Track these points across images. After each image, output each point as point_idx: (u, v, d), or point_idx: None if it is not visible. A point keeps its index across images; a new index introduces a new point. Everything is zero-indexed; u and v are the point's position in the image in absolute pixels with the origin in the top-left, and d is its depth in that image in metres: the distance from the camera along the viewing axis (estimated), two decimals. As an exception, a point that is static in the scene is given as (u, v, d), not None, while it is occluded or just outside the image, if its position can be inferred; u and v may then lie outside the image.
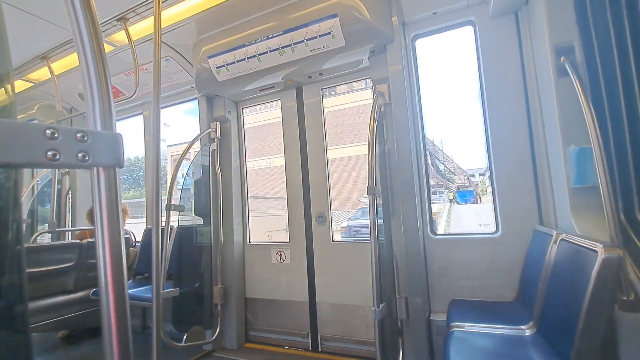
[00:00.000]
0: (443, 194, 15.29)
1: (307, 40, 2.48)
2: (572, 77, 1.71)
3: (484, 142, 2.45)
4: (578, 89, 1.65)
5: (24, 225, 4.30)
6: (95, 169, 0.51)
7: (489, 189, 2.44)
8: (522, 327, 1.75)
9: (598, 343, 1.21)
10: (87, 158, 0.49)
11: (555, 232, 1.78)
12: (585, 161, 1.74)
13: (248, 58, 2.70)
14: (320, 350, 2.94)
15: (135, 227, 4.05)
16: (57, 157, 0.46)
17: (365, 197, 2.31)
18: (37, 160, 0.44)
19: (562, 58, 1.82)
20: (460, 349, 1.63)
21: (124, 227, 3.94)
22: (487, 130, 2.41)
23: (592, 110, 1.58)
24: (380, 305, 1.96)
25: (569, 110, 1.81)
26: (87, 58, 0.53)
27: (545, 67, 1.98)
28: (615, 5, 1.71)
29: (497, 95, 2.37)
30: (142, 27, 2.89)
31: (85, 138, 0.49)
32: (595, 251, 1.26)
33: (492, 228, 2.41)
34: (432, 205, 2.62)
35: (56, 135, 0.46)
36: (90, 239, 3.45)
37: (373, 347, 2.66)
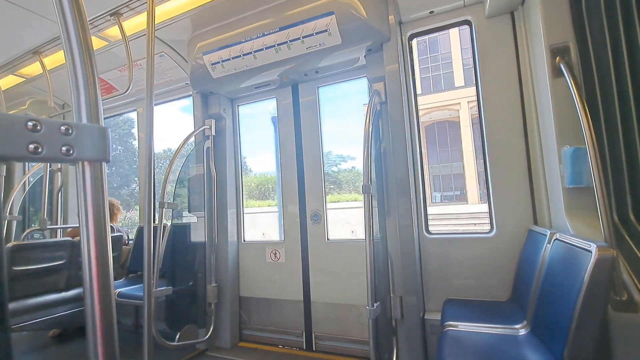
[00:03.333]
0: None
1: (303, 37, 2.46)
2: (567, 78, 1.72)
3: (480, 141, 2.45)
4: (573, 90, 1.66)
5: (15, 223, 4.24)
6: (80, 163, 0.49)
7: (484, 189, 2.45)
8: (516, 326, 1.75)
9: (591, 343, 1.22)
10: (71, 152, 0.47)
11: (549, 232, 1.79)
12: (580, 161, 1.75)
13: (244, 55, 2.68)
14: (314, 349, 2.93)
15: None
16: (40, 150, 0.44)
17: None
18: (18, 153, 0.42)
19: (557, 58, 1.82)
20: (453, 348, 1.63)
21: (115, 224, 3.90)
22: (483, 130, 2.41)
23: (587, 111, 1.59)
24: (375, 305, 1.95)
25: (564, 110, 1.82)
26: (73, 48, 0.51)
27: (541, 68, 1.98)
28: (610, 7, 1.72)
29: (493, 95, 2.38)
30: (136, 23, 2.85)
31: (70, 131, 0.47)
32: (589, 251, 1.26)
33: (487, 227, 2.41)
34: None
35: (39, 128, 0.44)
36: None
37: (367, 346, 2.65)
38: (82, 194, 0.50)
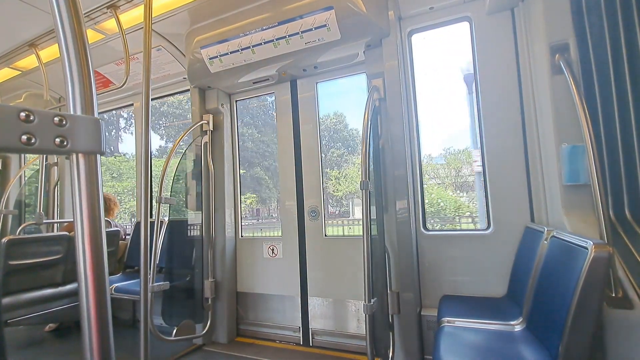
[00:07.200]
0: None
1: (302, 32, 2.44)
2: (567, 76, 1.71)
3: (478, 138, 2.45)
4: (572, 88, 1.66)
5: (10, 217, 4.21)
6: (74, 155, 0.48)
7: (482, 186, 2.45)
8: (512, 322, 1.76)
9: (586, 338, 1.22)
10: (65, 143, 0.46)
11: (546, 229, 1.79)
12: (578, 159, 1.75)
13: (242, 49, 2.65)
14: (311, 344, 2.94)
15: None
16: (33, 141, 0.43)
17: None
18: (10, 144, 0.41)
19: (557, 56, 1.82)
20: (450, 343, 1.64)
21: (112, 220, 3.88)
22: (481, 127, 2.41)
23: (586, 109, 1.59)
24: (372, 300, 1.95)
25: (563, 108, 1.82)
26: (67, 38, 0.50)
27: (540, 65, 1.98)
28: (610, 6, 1.71)
29: (491, 92, 2.37)
30: (133, 15, 2.82)
31: (64, 122, 0.46)
32: (586, 248, 1.27)
33: (484, 224, 2.42)
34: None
35: (32, 118, 0.43)
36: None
37: (364, 342, 2.67)
38: (76, 186, 0.49)
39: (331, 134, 9.63)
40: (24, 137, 0.42)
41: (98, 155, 0.50)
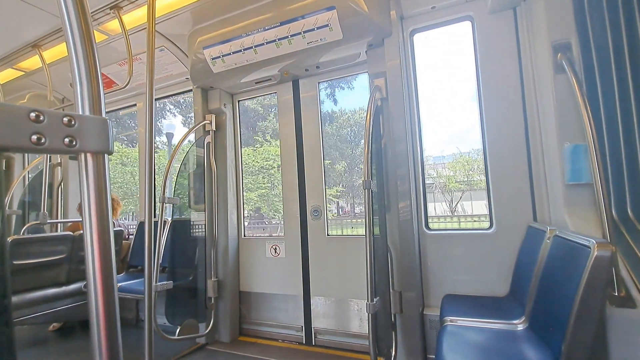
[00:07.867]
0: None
1: (304, 32, 2.45)
2: (569, 74, 1.71)
3: (480, 137, 2.45)
4: (574, 86, 1.65)
5: (14, 217, 4.24)
6: (82, 155, 0.49)
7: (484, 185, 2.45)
8: (515, 321, 1.76)
9: (589, 337, 1.22)
10: (74, 143, 0.47)
11: (548, 228, 1.79)
12: (580, 158, 1.75)
13: (244, 49, 2.66)
14: (314, 343, 2.95)
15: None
16: (43, 141, 0.44)
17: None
18: (20, 143, 0.42)
19: (559, 55, 1.82)
20: (452, 342, 1.64)
21: (116, 219, 3.90)
22: (483, 126, 2.41)
23: (588, 108, 1.58)
24: (374, 300, 1.96)
25: (565, 107, 1.82)
26: (75, 40, 0.51)
27: (543, 64, 1.98)
28: (612, 4, 1.71)
29: (493, 91, 2.37)
30: (136, 16, 2.83)
31: (73, 122, 0.47)
32: (589, 247, 1.27)
33: (487, 224, 2.42)
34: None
35: (41, 118, 0.44)
36: (82, 231, 3.40)
37: (367, 341, 2.67)
38: (84, 186, 0.50)
39: (359, 128, 9.68)
40: (34, 137, 0.43)
41: (106, 155, 0.51)
